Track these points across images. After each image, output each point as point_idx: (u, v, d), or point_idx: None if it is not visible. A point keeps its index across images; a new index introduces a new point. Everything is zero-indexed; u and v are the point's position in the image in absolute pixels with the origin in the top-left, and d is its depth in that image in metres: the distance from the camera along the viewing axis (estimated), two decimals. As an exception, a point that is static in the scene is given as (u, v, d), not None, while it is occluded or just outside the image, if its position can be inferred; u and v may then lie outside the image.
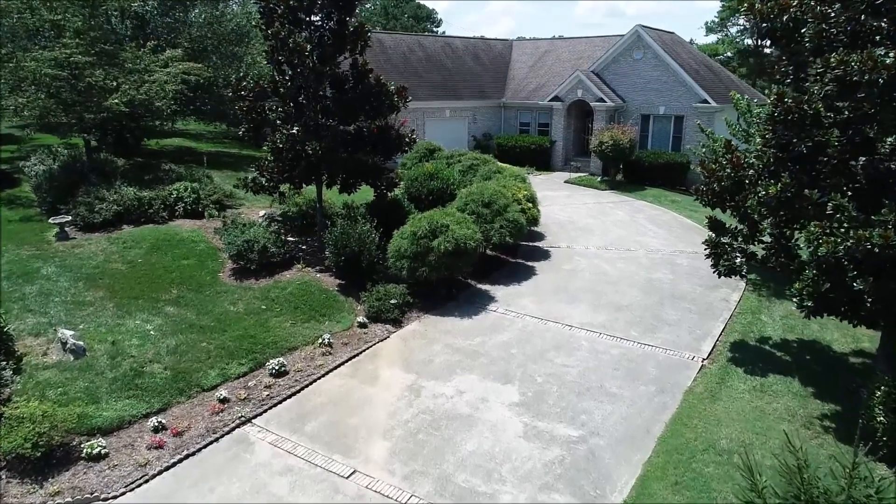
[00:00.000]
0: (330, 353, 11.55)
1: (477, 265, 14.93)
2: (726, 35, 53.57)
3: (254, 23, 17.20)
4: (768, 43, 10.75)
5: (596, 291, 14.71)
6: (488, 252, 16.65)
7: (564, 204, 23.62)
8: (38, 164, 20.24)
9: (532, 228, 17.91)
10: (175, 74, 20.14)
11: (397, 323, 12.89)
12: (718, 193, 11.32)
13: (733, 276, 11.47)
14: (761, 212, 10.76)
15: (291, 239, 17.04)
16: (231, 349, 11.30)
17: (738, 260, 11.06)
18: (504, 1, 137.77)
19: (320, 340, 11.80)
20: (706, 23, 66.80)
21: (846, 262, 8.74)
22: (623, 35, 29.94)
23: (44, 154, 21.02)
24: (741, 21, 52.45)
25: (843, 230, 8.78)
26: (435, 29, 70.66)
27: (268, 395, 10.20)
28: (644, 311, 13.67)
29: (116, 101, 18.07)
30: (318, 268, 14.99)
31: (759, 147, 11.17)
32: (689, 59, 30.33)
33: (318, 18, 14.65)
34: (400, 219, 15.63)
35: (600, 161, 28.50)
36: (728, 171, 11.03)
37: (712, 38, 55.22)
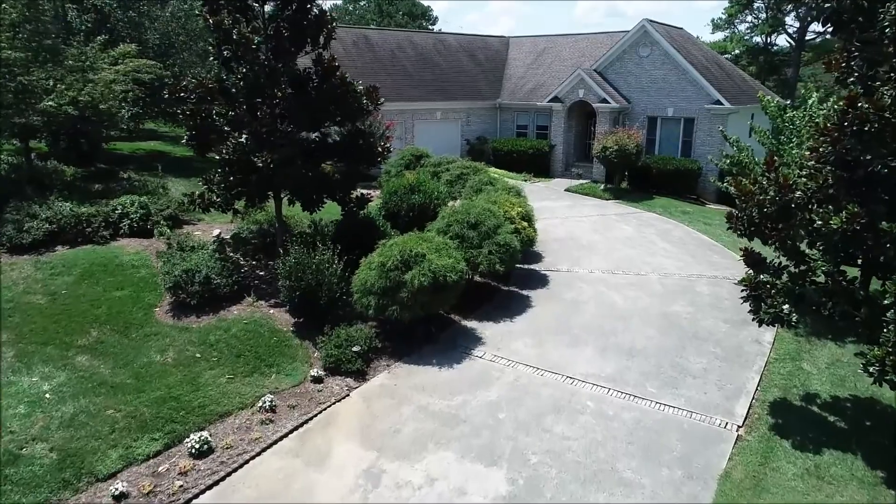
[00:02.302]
0: (272, 421, 9.22)
1: (463, 295, 12.60)
2: (734, 32, 51.22)
3: (197, 11, 14.83)
4: (830, 29, 8.42)
5: (603, 330, 12.39)
6: (476, 279, 14.33)
7: (565, 216, 21.30)
8: (-24, 174, 17.98)
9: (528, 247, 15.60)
10: (125, 72, 17.83)
11: (360, 375, 10.56)
12: (758, 222, 9.01)
13: (778, 326, 9.14)
14: (817, 247, 8.47)
15: (249, 262, 14.75)
16: (145, 418, 8.98)
17: (786, 307, 8.72)
18: (504, 1, 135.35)
19: (261, 403, 9.47)
20: (713, 20, 64.35)
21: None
22: (628, 31, 27.63)
23: (-17, 162, 18.76)
24: (749, 18, 50.19)
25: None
26: (431, 27, 68.28)
27: (181, 486, 7.88)
28: (661, 356, 11.35)
29: (52, 102, 15.76)
30: (272, 301, 12.67)
31: (808, 163, 8.88)
32: (700, 56, 28.01)
33: (271, 6, 12.35)
34: (374, 241, 13.34)
35: (604, 167, 26.20)
36: (771, 193, 8.72)
37: (719, 35, 52.89)
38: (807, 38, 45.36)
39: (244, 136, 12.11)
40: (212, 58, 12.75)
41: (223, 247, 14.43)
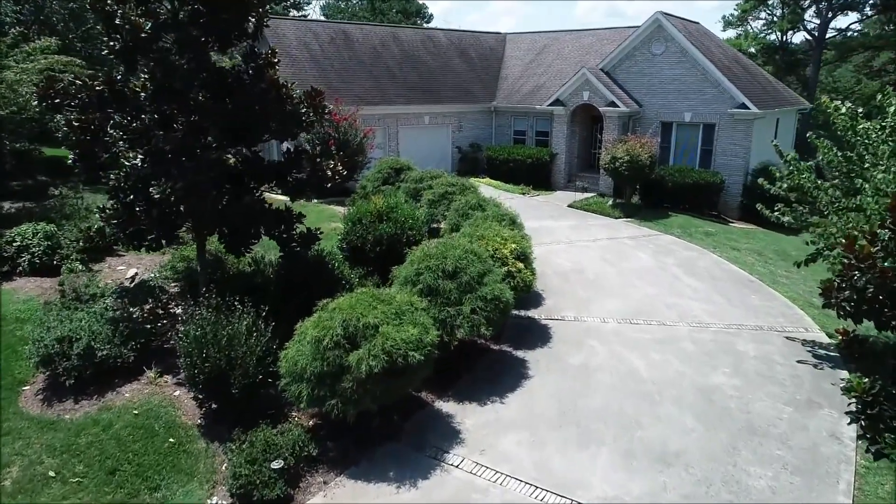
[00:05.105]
0: None
1: (439, 362, 9.42)
2: (747, 30, 48.08)
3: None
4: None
5: (624, 418, 9.21)
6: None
7: (569, 241, 18.15)
8: None
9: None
10: (38, 70, 14.69)
11: (283, 504, 7.41)
12: (873, 298, 5.87)
13: None
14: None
15: (168, 313, 11.58)
16: None
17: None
18: (505, 1, 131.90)
19: (120, 566, 6.34)
20: (724, 17, 61.21)
21: None
22: (639, 26, 24.50)
23: None
24: (764, 14, 47.09)
25: None
26: (426, 25, 65.04)
27: None
28: (708, 465, 8.17)
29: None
30: (182, 375, 9.50)
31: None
32: (719, 54, 24.88)
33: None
34: (326, 290, 10.27)
35: (612, 179, 23.05)
36: (901, 257, 5.58)
37: (731, 33, 49.74)
38: (827, 35, 42.22)
39: (139, 156, 8.98)
40: (105, 51, 9.62)
41: (136, 294, 11.30)
